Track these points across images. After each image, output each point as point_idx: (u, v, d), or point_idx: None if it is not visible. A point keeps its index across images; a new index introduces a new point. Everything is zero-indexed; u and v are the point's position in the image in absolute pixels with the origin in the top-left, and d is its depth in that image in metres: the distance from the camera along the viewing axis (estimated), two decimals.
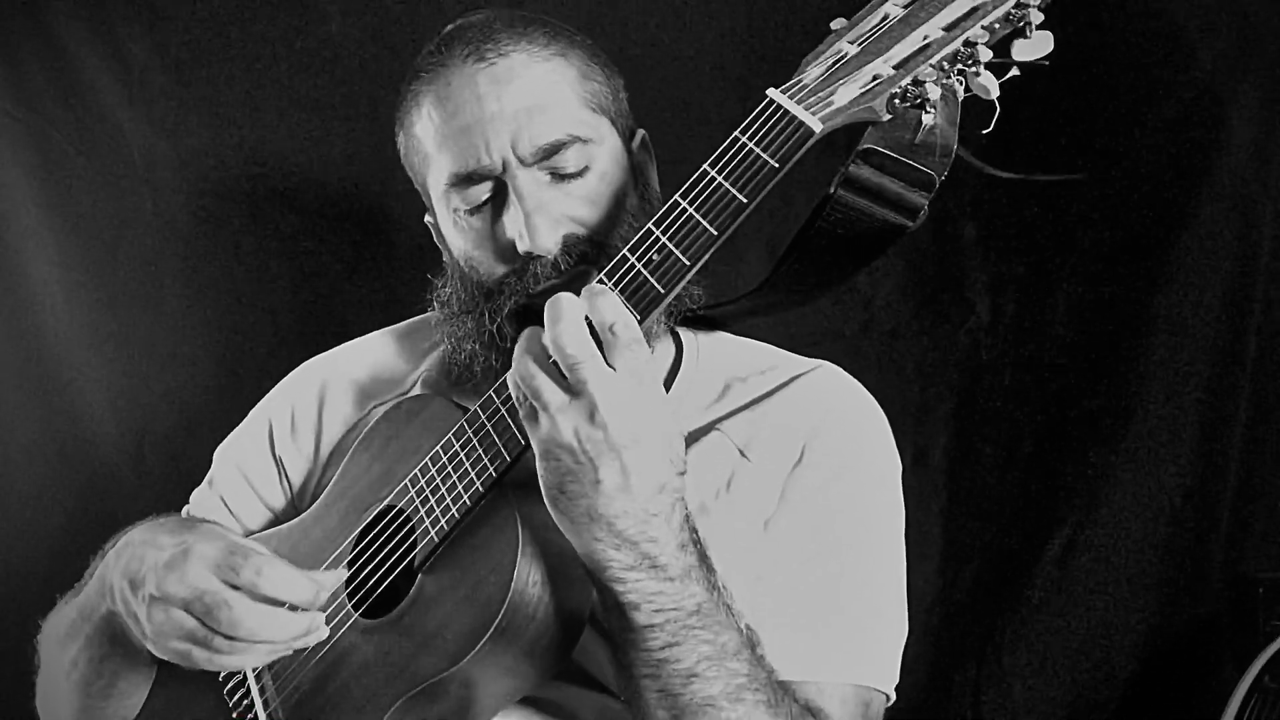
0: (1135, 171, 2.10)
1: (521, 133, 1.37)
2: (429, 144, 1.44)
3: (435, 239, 1.56)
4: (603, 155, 1.43)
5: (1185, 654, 2.13)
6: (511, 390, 1.20)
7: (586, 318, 1.16)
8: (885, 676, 1.41)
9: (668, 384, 1.50)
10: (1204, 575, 2.13)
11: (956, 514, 2.18)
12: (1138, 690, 2.13)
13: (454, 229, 1.46)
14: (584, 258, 1.38)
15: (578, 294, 1.18)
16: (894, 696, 1.43)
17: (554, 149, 1.38)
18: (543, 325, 1.17)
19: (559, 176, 1.40)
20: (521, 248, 1.38)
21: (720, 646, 1.21)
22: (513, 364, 1.19)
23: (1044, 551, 2.14)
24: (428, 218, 1.56)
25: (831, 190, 1.20)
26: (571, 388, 1.15)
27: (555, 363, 1.15)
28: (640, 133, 1.54)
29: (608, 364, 1.14)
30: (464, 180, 1.41)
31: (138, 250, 2.18)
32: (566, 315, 1.15)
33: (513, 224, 1.38)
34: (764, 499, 1.42)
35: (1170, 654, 2.13)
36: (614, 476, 1.15)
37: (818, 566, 1.39)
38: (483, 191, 1.41)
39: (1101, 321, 2.13)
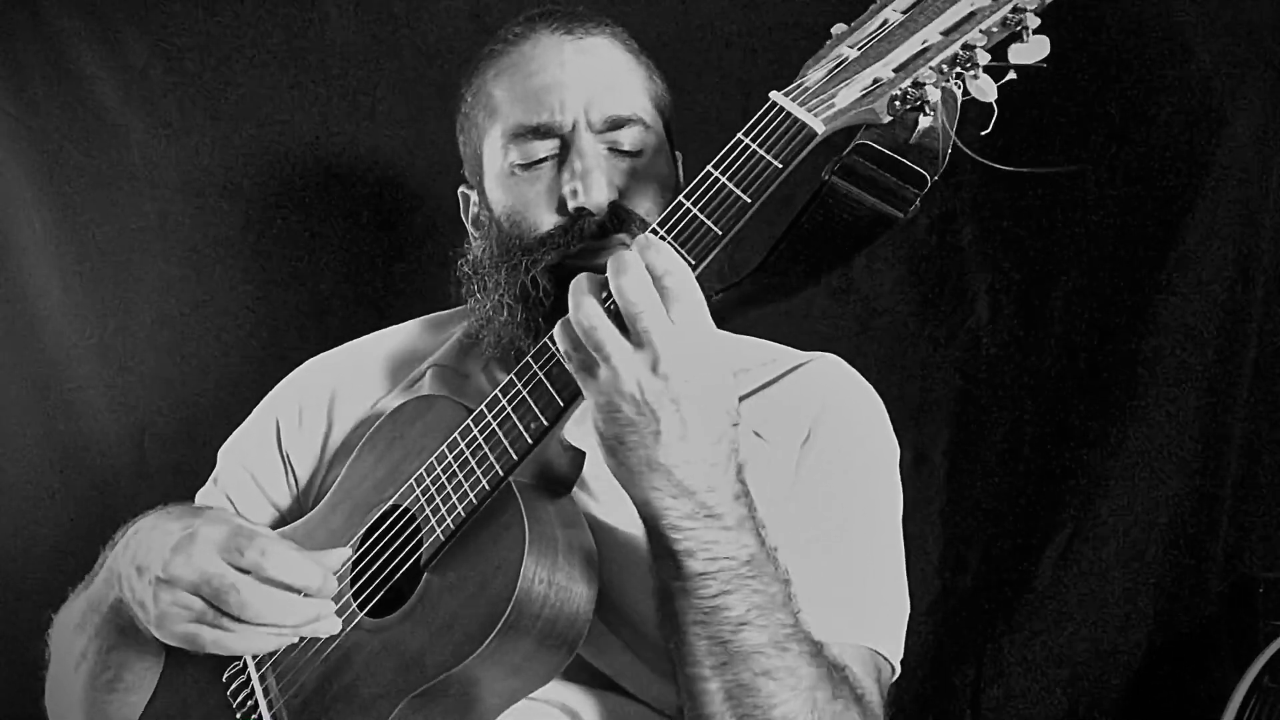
0: (1135, 171, 2.10)
1: (596, 100, 1.47)
2: (500, 96, 1.52)
3: (461, 211, 1.64)
4: (656, 146, 1.51)
5: (1185, 654, 2.13)
6: (559, 340, 1.20)
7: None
8: (895, 647, 1.47)
9: None
10: (1204, 575, 2.13)
11: (956, 514, 2.18)
12: (1138, 690, 2.14)
13: (500, 186, 1.52)
14: (627, 228, 1.43)
15: None
16: (899, 670, 1.47)
17: (620, 123, 1.48)
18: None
19: (616, 152, 1.48)
20: (574, 203, 1.44)
21: (770, 596, 1.23)
22: (570, 311, 1.17)
23: (1044, 551, 2.15)
24: (462, 189, 1.65)
25: (826, 177, 1.21)
26: (635, 338, 1.15)
27: (615, 314, 1.15)
28: (677, 154, 1.60)
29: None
30: (529, 132, 1.48)
31: (138, 250, 2.18)
32: (631, 268, 1.14)
33: (569, 178, 1.45)
34: (780, 476, 1.48)
35: (1170, 654, 2.13)
36: (675, 427, 1.16)
37: (829, 540, 1.45)
38: (542, 148, 1.48)
39: (1101, 321, 2.14)
